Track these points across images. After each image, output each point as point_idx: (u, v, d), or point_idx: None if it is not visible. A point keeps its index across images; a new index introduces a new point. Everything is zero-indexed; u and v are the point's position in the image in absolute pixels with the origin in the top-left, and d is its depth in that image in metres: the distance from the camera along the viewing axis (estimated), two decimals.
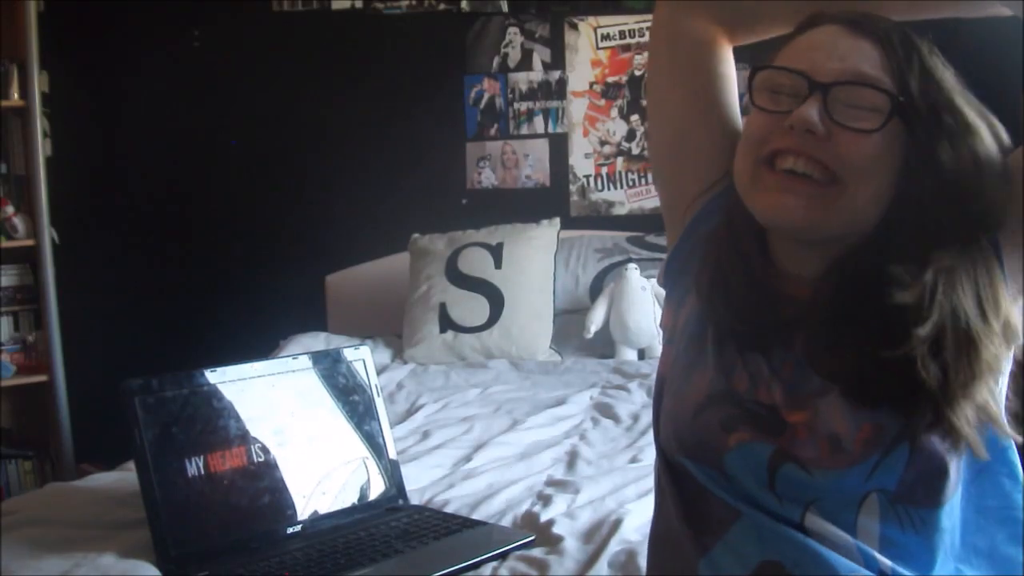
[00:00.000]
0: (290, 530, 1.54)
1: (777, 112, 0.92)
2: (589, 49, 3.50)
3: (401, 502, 1.67)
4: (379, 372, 2.39)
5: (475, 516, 1.59)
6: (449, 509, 1.63)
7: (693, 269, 1.03)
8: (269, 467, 1.56)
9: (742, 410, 0.94)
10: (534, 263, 3.04)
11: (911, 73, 0.90)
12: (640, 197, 3.50)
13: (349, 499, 1.62)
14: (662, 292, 1.46)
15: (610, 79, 3.50)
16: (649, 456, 1.79)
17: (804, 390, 0.93)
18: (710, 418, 0.95)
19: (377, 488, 1.66)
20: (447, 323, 2.97)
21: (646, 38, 3.46)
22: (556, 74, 3.51)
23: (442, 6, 3.51)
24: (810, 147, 0.89)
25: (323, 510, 1.59)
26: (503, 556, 1.41)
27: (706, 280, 1.01)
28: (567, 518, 1.52)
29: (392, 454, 1.71)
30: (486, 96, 3.54)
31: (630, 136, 3.50)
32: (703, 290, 1.01)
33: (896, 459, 0.87)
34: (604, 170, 3.52)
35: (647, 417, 2.14)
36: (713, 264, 1.01)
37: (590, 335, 2.90)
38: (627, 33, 3.48)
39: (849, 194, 0.90)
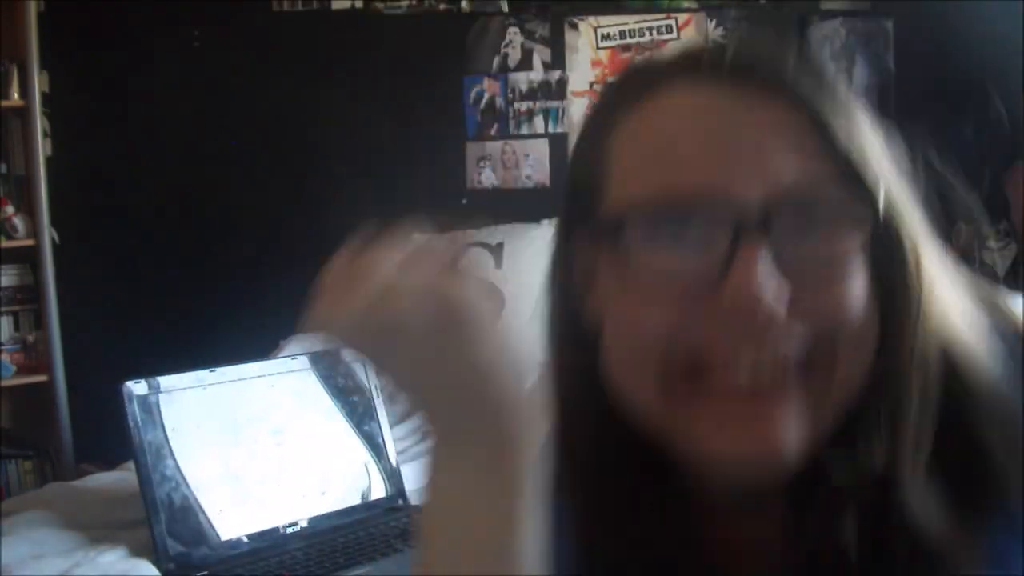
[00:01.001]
0: (290, 530, 1.54)
1: (678, 275, 0.53)
2: (589, 49, 3.50)
3: (401, 502, 1.67)
4: None
5: None
6: None
7: None
8: (269, 467, 1.56)
9: None
10: (534, 263, 3.03)
11: (852, 140, 0.53)
12: None
13: (349, 499, 1.62)
14: None
15: (610, 79, 3.50)
16: None
17: None
18: None
19: (377, 488, 1.66)
20: None
21: (647, 38, 3.47)
22: (556, 74, 3.51)
23: (442, 6, 3.51)
24: (772, 337, 0.52)
25: (323, 510, 1.59)
26: None
27: None
28: None
29: (392, 454, 1.71)
30: (486, 96, 3.54)
31: None
32: None
33: None
34: None
35: None
36: None
37: None
38: (627, 33, 3.48)
39: (844, 365, 0.54)
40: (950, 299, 0.57)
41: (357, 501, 1.63)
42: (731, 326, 0.51)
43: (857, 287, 0.53)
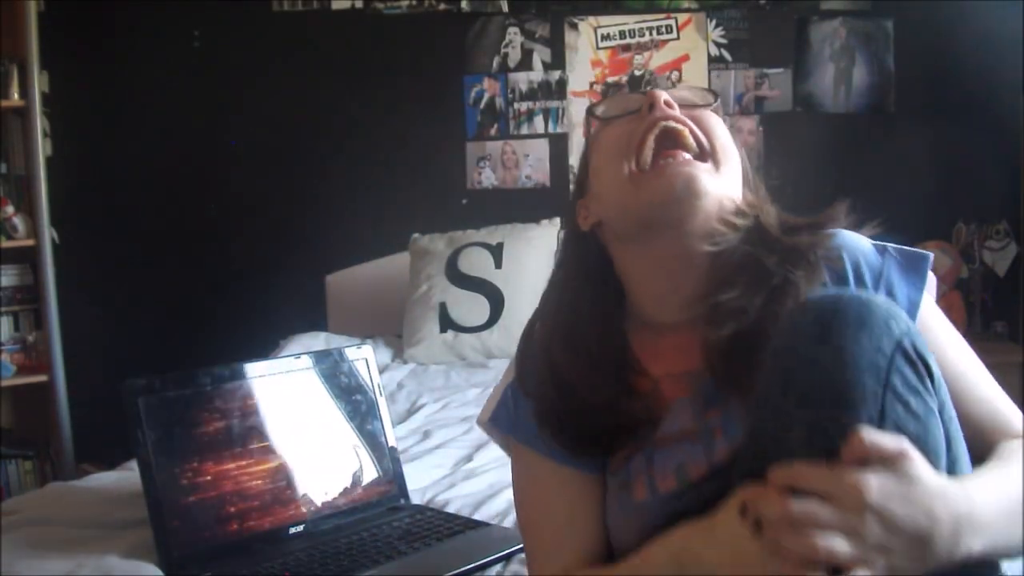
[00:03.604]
0: (292, 530, 1.54)
1: (626, 118, 1.03)
2: (589, 49, 3.50)
3: (403, 502, 1.67)
4: (379, 372, 2.39)
5: (477, 516, 1.58)
6: (450, 509, 1.63)
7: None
8: (271, 467, 1.56)
9: (689, 506, 0.91)
10: (534, 263, 3.04)
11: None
12: None
13: (350, 499, 1.62)
14: None
15: (610, 79, 3.50)
16: None
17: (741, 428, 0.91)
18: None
19: (379, 488, 1.66)
20: (447, 323, 2.97)
21: (647, 38, 3.47)
22: (556, 74, 3.51)
23: (442, 6, 3.51)
24: (677, 116, 1.00)
25: (324, 511, 1.58)
26: (507, 558, 1.40)
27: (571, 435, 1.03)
28: None
29: (394, 454, 1.71)
30: (486, 96, 3.54)
31: None
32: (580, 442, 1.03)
33: None
34: None
35: None
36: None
37: None
38: (627, 33, 3.48)
39: (722, 169, 0.99)
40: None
41: (359, 501, 1.63)
42: (651, 117, 1.00)
43: (716, 121, 1.02)
